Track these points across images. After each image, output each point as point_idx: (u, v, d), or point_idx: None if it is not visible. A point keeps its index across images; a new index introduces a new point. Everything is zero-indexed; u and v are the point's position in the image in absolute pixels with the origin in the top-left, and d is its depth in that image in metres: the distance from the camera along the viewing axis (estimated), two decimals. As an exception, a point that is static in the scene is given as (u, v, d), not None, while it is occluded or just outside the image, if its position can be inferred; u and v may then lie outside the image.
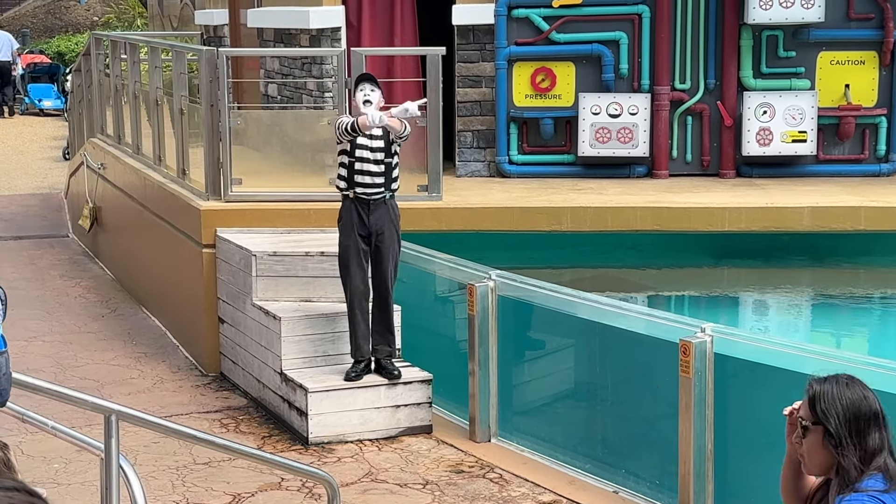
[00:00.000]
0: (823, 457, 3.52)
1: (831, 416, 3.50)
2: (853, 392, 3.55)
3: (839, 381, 3.58)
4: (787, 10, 10.78)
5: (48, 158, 22.14)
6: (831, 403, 3.52)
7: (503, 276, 7.85)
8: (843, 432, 3.49)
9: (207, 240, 9.45)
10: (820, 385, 3.57)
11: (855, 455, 3.48)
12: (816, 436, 3.52)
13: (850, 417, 3.50)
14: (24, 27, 39.67)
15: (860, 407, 3.52)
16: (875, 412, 3.54)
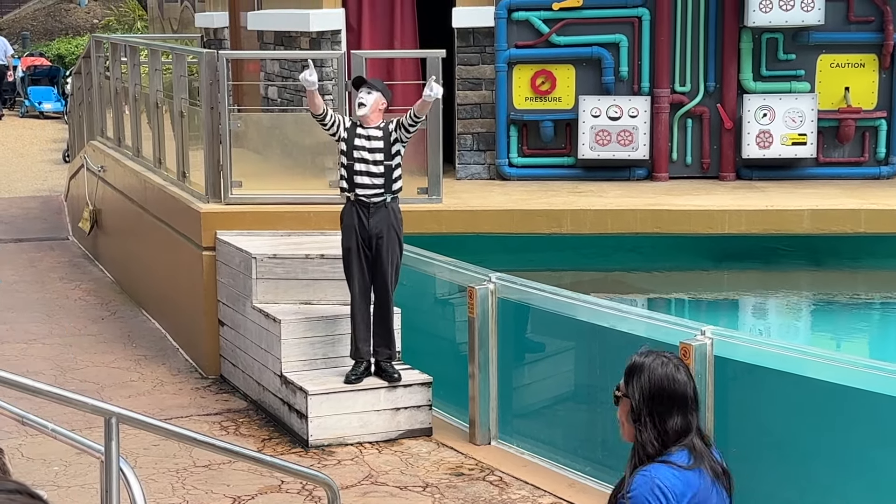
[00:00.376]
0: (629, 427, 3.65)
1: (635, 391, 3.61)
2: (663, 372, 3.61)
3: (657, 358, 3.64)
4: (787, 13, 10.79)
5: (48, 161, 22.15)
6: (637, 379, 3.62)
7: (503, 278, 7.85)
8: (643, 408, 3.59)
9: (207, 242, 9.45)
10: (638, 358, 3.65)
11: (652, 432, 3.58)
12: (625, 406, 3.66)
13: (650, 396, 3.59)
14: (24, 30, 39.69)
15: (664, 387, 3.59)
16: (682, 396, 3.61)
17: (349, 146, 7.86)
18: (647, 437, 3.59)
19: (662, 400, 3.59)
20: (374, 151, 7.83)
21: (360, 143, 7.84)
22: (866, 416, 6.23)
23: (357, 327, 7.92)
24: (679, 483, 3.56)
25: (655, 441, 3.58)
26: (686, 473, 3.58)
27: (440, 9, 11.47)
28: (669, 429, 3.59)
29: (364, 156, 7.82)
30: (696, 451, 3.61)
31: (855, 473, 6.30)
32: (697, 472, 3.59)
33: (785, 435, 6.50)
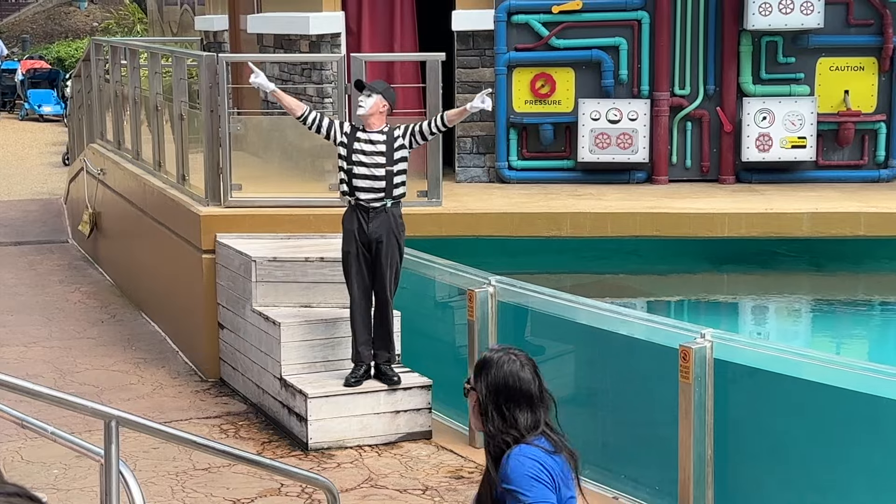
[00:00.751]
0: (477, 418, 3.76)
1: (481, 385, 3.72)
2: (508, 369, 3.72)
3: (504, 355, 3.76)
4: (787, 17, 10.79)
5: (48, 164, 22.15)
6: (485, 374, 3.73)
7: (503, 281, 7.85)
8: (488, 402, 3.71)
9: (207, 245, 9.45)
10: (488, 354, 3.77)
11: (500, 425, 3.69)
12: (473, 399, 3.76)
13: (494, 391, 3.70)
14: (24, 33, 39.70)
15: (508, 384, 3.70)
16: (527, 393, 3.73)
17: (348, 150, 7.82)
18: (495, 429, 3.72)
19: (507, 395, 3.71)
20: (375, 155, 7.78)
21: (360, 147, 7.80)
22: (866, 419, 6.23)
23: (357, 331, 7.92)
24: (548, 458, 3.72)
25: (502, 432, 3.70)
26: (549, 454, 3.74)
27: (440, 12, 11.47)
28: (520, 423, 3.71)
29: (363, 160, 7.78)
30: (553, 439, 3.79)
31: (854, 476, 6.30)
32: (560, 457, 3.76)
33: (784, 438, 6.50)
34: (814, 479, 6.46)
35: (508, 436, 3.71)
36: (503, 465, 3.67)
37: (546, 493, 3.69)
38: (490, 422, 3.71)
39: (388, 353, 8.01)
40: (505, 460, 3.67)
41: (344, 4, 11.53)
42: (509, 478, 3.66)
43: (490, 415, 3.71)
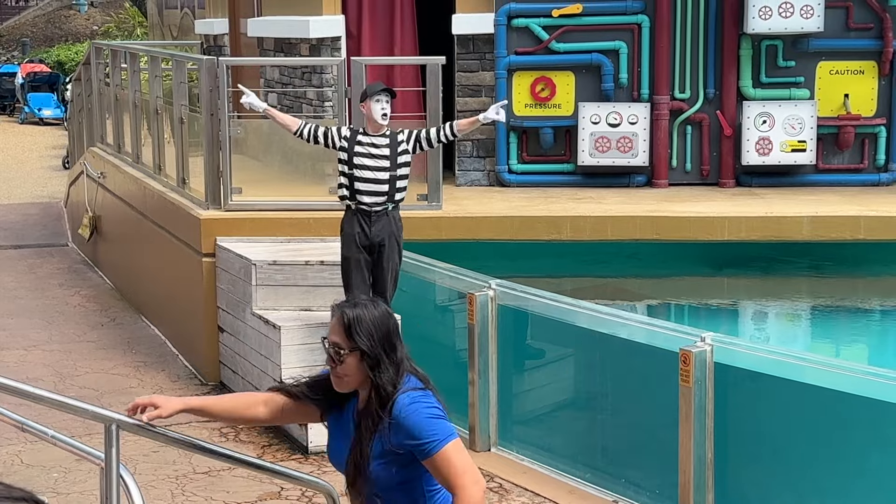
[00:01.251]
0: (361, 375, 3.75)
1: (367, 339, 3.72)
2: (378, 313, 3.77)
3: (365, 304, 3.79)
4: (787, 20, 10.80)
5: (48, 167, 22.16)
6: (364, 328, 3.73)
7: (503, 285, 7.85)
8: (380, 352, 3.73)
9: (207, 249, 9.45)
10: (352, 311, 3.75)
11: (391, 370, 3.73)
12: (353, 360, 3.74)
13: (382, 337, 3.74)
14: (25, 36, 39.70)
15: (388, 324, 3.77)
16: (396, 325, 3.81)
17: (349, 154, 7.72)
18: (388, 377, 3.73)
19: (389, 337, 3.76)
20: (379, 158, 7.69)
21: (363, 151, 7.70)
22: (866, 422, 6.23)
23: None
24: (430, 398, 3.79)
25: (394, 377, 3.74)
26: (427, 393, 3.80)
27: (440, 15, 11.48)
28: (399, 362, 3.77)
29: (366, 163, 7.68)
30: (419, 374, 3.83)
31: (854, 480, 6.30)
32: (431, 393, 3.82)
33: (784, 441, 6.50)
34: (814, 482, 6.46)
35: (398, 384, 3.73)
36: (398, 424, 3.69)
37: (449, 426, 3.77)
38: (383, 374, 3.72)
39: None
40: (396, 417, 3.68)
41: (344, 8, 11.54)
42: (411, 433, 3.70)
43: (382, 365, 3.72)
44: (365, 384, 3.78)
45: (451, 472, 3.70)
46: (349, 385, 3.80)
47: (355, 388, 3.81)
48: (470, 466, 3.72)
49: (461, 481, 3.69)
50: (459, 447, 3.76)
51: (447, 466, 3.71)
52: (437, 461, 3.71)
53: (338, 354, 3.75)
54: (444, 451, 3.70)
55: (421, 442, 3.71)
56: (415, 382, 3.80)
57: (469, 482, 3.69)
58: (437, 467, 3.72)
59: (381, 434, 3.72)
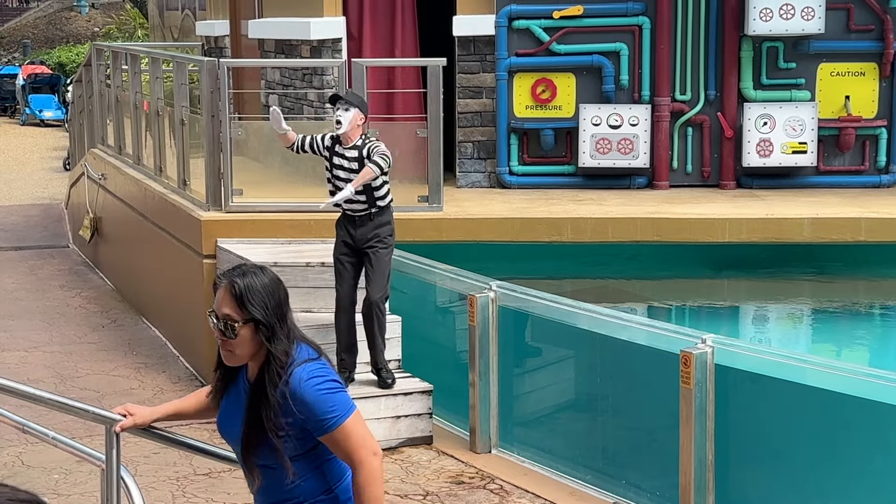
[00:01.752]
0: (254, 346, 3.63)
1: (261, 309, 3.60)
2: (268, 278, 3.66)
3: (254, 272, 3.67)
4: (788, 22, 10.80)
5: (49, 169, 22.17)
6: (260, 297, 3.61)
7: (504, 286, 7.85)
8: (274, 322, 3.61)
9: (208, 250, 9.46)
10: (242, 280, 3.62)
11: (284, 341, 3.62)
12: (248, 330, 3.61)
13: (275, 306, 3.63)
14: (26, 38, 39.71)
15: (279, 292, 3.66)
16: (286, 292, 3.69)
17: (330, 164, 7.82)
18: (283, 346, 3.63)
19: (281, 305, 3.65)
20: (350, 171, 7.75)
21: (339, 163, 7.78)
22: (867, 424, 6.23)
23: (340, 337, 7.91)
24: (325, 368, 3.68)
25: (289, 346, 3.64)
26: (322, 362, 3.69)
27: (441, 17, 11.48)
28: (291, 329, 3.68)
29: (341, 175, 7.77)
30: (309, 342, 3.73)
31: (856, 481, 6.30)
32: (325, 361, 3.72)
33: (785, 443, 6.50)
34: (815, 484, 6.46)
35: (291, 352, 3.64)
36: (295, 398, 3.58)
37: (346, 398, 3.67)
38: (278, 344, 3.61)
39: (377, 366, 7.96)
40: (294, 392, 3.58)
41: (345, 10, 11.54)
42: (311, 409, 3.60)
43: (278, 336, 3.62)
44: (256, 356, 3.65)
45: (350, 446, 3.63)
46: (241, 359, 3.67)
47: (246, 361, 3.69)
48: (368, 438, 3.66)
49: (359, 455, 3.63)
50: (358, 419, 3.67)
51: (346, 441, 3.63)
52: (336, 436, 3.63)
53: (230, 328, 3.60)
54: (344, 427, 3.62)
55: (320, 418, 3.60)
56: (306, 351, 3.69)
57: (367, 455, 3.63)
58: (336, 442, 3.64)
59: (276, 406, 3.60)
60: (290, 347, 3.64)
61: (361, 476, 3.65)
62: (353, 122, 7.70)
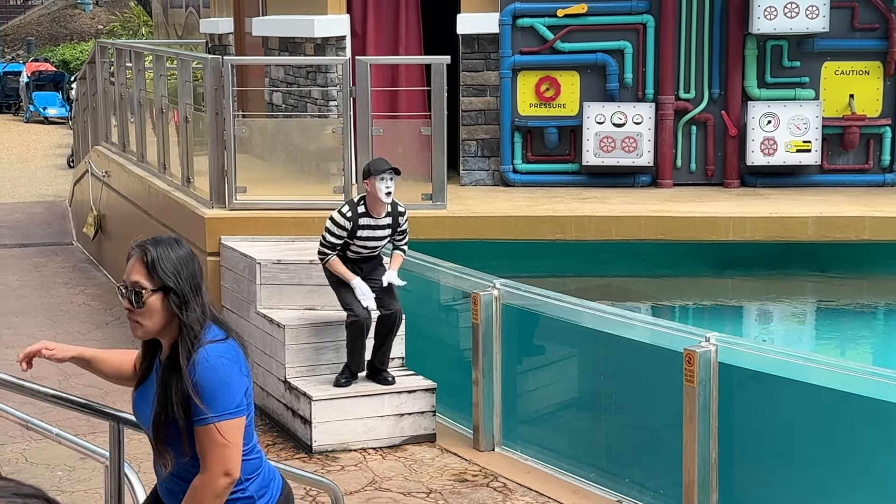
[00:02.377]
0: (164, 318, 3.55)
1: (173, 277, 3.53)
2: (183, 251, 3.62)
3: (168, 242, 3.63)
4: (792, 21, 10.79)
5: (53, 166, 22.18)
6: (172, 265, 3.55)
7: (507, 284, 7.85)
8: (187, 291, 3.54)
9: (212, 248, 9.46)
10: (154, 249, 3.58)
11: (197, 311, 3.54)
12: (158, 299, 3.53)
13: (189, 276, 3.56)
14: (30, 35, 39.74)
15: (193, 264, 3.60)
16: (200, 267, 3.64)
17: (352, 237, 7.73)
18: (195, 316, 3.54)
19: (195, 277, 3.59)
20: (381, 239, 7.83)
21: (366, 235, 7.75)
22: (871, 423, 6.23)
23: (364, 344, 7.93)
24: (232, 351, 3.58)
25: (202, 318, 3.55)
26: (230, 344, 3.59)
27: (445, 15, 11.48)
28: (204, 301, 3.60)
29: (367, 244, 7.80)
30: (220, 323, 3.64)
31: (860, 480, 6.30)
32: (234, 342, 3.61)
33: (789, 442, 6.49)
34: (819, 482, 6.45)
35: (204, 324, 3.55)
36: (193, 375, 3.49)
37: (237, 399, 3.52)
38: (190, 313, 3.53)
39: (387, 361, 8.06)
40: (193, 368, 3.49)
41: (349, 7, 11.54)
42: (195, 390, 3.48)
43: (191, 304, 3.53)
44: (167, 332, 3.57)
45: (210, 450, 3.48)
46: (148, 331, 3.57)
47: (155, 335, 3.59)
48: (231, 455, 3.51)
49: (212, 466, 3.49)
50: (231, 428, 3.51)
51: (209, 444, 3.48)
52: (203, 433, 3.49)
53: (139, 295, 3.52)
54: (214, 428, 3.48)
55: (199, 406, 3.48)
56: (217, 331, 3.59)
57: (218, 469, 3.49)
58: (201, 439, 3.50)
59: (185, 384, 3.50)
60: (203, 318, 3.55)
61: (199, 480, 3.52)
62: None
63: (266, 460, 3.78)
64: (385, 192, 7.63)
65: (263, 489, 3.69)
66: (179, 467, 3.64)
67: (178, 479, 3.66)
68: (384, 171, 7.66)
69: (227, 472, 3.50)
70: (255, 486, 3.68)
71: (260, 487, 3.69)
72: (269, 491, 3.73)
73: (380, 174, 7.65)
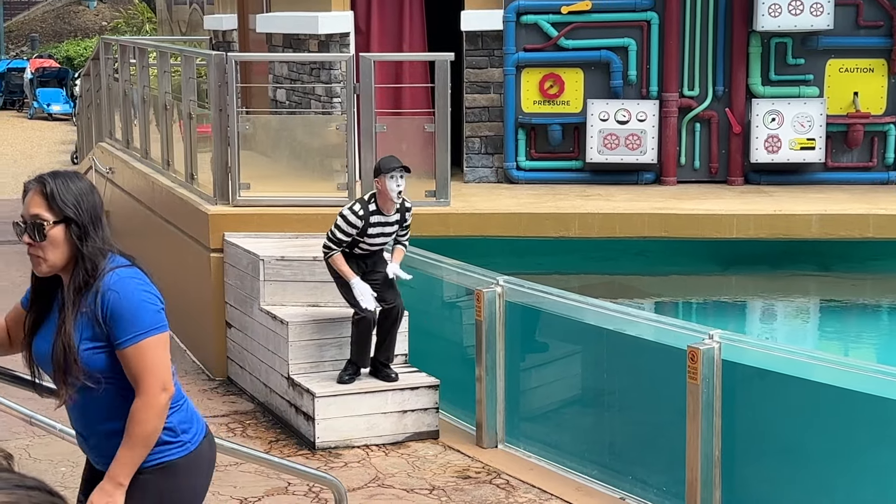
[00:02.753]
0: (68, 251, 3.52)
1: (74, 208, 3.50)
2: (84, 183, 3.60)
3: (67, 175, 3.60)
4: (796, 18, 10.78)
5: (57, 162, 22.18)
6: (73, 196, 3.52)
7: (511, 281, 7.85)
8: (87, 220, 3.51)
9: (215, 244, 9.46)
10: (54, 180, 3.53)
11: (98, 242, 3.53)
12: (59, 231, 3.51)
13: (90, 206, 3.54)
14: (34, 32, 39.76)
15: (94, 197, 3.59)
16: (101, 201, 3.64)
17: (362, 234, 7.74)
18: (96, 247, 3.53)
19: (96, 209, 3.57)
20: (389, 235, 7.85)
21: (375, 232, 7.76)
22: (874, 420, 6.23)
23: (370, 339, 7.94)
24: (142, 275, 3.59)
25: (103, 248, 3.53)
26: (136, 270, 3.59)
27: (449, 12, 11.48)
28: (105, 235, 3.58)
29: (376, 241, 7.81)
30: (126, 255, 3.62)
31: (863, 478, 6.29)
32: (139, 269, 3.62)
33: (793, 439, 6.49)
34: (822, 480, 6.45)
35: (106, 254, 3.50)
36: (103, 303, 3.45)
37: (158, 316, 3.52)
38: (90, 244, 3.49)
39: (386, 359, 8.06)
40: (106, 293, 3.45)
41: (353, 4, 11.54)
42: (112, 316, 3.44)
43: (91, 237, 3.50)
44: (69, 266, 3.53)
45: (141, 369, 3.42)
46: (53, 265, 3.55)
47: (59, 269, 3.56)
48: (162, 368, 3.46)
49: (147, 382, 3.42)
50: (160, 344, 3.48)
51: (139, 362, 3.42)
52: (130, 353, 3.43)
53: (40, 228, 3.48)
54: (142, 346, 3.44)
55: (121, 328, 3.43)
56: (121, 260, 3.57)
57: (154, 385, 3.42)
58: (129, 360, 3.44)
59: (87, 314, 3.45)
60: (104, 249, 3.51)
61: (138, 402, 3.43)
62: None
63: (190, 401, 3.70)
64: (396, 191, 7.63)
65: (187, 423, 3.62)
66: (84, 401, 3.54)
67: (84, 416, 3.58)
68: (394, 168, 7.65)
69: (164, 387, 3.45)
70: (177, 418, 3.60)
71: (182, 420, 3.62)
72: (193, 427, 3.65)
73: (390, 172, 7.64)
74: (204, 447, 3.71)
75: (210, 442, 3.78)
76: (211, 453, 3.78)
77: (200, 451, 3.68)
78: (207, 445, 3.74)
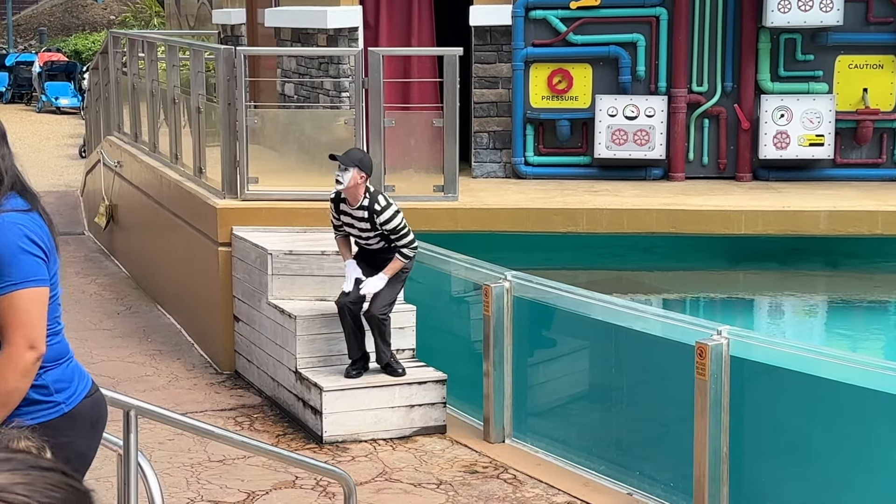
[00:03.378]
0: None
1: None
2: None
3: None
4: (806, 14, 10.76)
5: (65, 156, 22.21)
6: None
7: (519, 276, 7.85)
8: None
9: (223, 238, 9.47)
10: None
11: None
12: None
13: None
14: (42, 26, 39.82)
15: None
16: (4, 130, 3.41)
17: (340, 221, 7.91)
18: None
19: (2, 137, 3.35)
20: (363, 231, 7.86)
21: (347, 220, 7.88)
22: (882, 417, 6.22)
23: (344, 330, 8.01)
24: (33, 224, 3.33)
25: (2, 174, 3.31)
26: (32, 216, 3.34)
27: (458, 7, 11.47)
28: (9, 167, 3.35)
29: (353, 232, 7.90)
30: (29, 193, 3.40)
31: (871, 474, 6.29)
32: (37, 215, 3.36)
33: (801, 435, 6.49)
34: (830, 476, 6.45)
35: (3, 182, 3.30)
36: None
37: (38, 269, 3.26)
38: None
39: (383, 356, 8.06)
40: None
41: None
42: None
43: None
44: None
45: (10, 321, 3.20)
46: None
47: None
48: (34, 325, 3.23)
49: (14, 337, 3.21)
50: (35, 298, 3.24)
51: (8, 314, 3.20)
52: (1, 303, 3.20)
53: None
54: (14, 297, 3.21)
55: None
56: (19, 202, 3.34)
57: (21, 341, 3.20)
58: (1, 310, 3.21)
59: None
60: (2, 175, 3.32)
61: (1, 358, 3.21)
62: (352, 182, 7.72)
63: (76, 361, 3.48)
64: (336, 182, 7.78)
65: (63, 383, 3.43)
66: None
67: None
68: (334, 159, 7.87)
69: (32, 345, 3.23)
70: (53, 376, 3.42)
71: (59, 379, 3.43)
72: (70, 387, 3.45)
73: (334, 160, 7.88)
74: (85, 406, 3.50)
75: (95, 402, 3.57)
76: (95, 413, 3.54)
77: (80, 411, 3.47)
78: (90, 405, 3.54)
